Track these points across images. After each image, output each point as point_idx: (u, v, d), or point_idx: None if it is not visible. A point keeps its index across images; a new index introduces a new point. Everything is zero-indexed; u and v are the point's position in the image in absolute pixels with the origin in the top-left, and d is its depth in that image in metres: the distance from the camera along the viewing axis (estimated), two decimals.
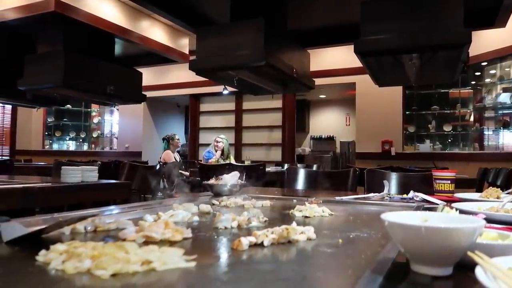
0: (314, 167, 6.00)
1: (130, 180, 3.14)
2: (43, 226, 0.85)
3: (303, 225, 1.08)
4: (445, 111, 6.85)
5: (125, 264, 0.60)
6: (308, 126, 10.42)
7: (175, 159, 5.69)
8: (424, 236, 0.54)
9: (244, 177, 1.82)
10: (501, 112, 6.37)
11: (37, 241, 0.81)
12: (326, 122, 10.36)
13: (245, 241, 0.77)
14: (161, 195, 3.68)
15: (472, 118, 6.81)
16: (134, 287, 0.55)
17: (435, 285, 0.53)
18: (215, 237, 0.91)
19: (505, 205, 1.16)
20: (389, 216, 0.60)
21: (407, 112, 6.87)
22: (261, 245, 0.79)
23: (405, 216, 0.64)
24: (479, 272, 0.45)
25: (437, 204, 1.48)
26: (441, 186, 1.73)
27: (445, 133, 6.89)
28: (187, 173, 5.37)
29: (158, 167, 3.54)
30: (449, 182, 1.72)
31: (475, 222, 0.55)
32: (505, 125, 6.27)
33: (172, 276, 0.60)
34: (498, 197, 1.40)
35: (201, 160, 6.43)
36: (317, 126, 10.41)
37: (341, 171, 2.55)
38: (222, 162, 5.67)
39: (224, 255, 0.73)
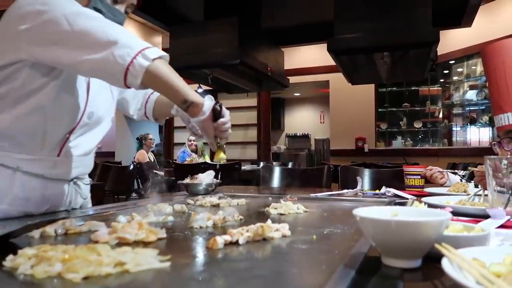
0: (290, 165, 6.05)
1: (103, 181, 3.08)
2: (10, 230, 0.82)
3: (278, 223, 1.09)
4: (416, 108, 7.04)
5: (97, 266, 0.59)
6: (283, 124, 10.50)
7: (149, 159, 5.62)
8: (394, 229, 0.56)
9: (219, 176, 1.82)
10: (468, 108, 6.61)
11: (4, 246, 0.78)
12: (301, 120, 10.46)
13: (220, 239, 0.77)
14: (135, 195, 3.62)
15: (441, 115, 7.03)
16: None
17: (405, 277, 0.55)
18: (190, 236, 0.90)
19: (472, 198, 1.21)
20: (360, 212, 0.61)
21: (379, 110, 7.02)
22: (236, 243, 0.79)
23: (375, 211, 0.66)
24: (445, 263, 0.46)
25: (408, 198, 1.52)
26: (412, 181, 1.78)
27: (416, 129, 7.08)
28: (161, 173, 5.31)
29: (132, 167, 3.49)
30: (419, 177, 1.77)
31: (441, 215, 0.57)
32: (472, 122, 6.51)
33: (146, 277, 0.59)
34: (465, 191, 1.45)
35: (176, 160, 6.37)
36: (292, 124, 10.50)
37: (316, 168, 2.58)
38: (197, 161, 5.64)
39: (199, 254, 0.73)
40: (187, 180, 1.77)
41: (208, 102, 1.06)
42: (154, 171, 5.25)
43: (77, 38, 0.96)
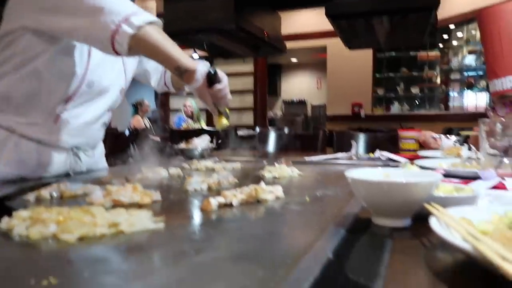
0: (286, 130, 6.06)
1: None
2: (6, 193, 0.83)
3: (272, 186, 1.10)
4: (413, 74, 6.98)
5: (91, 227, 0.60)
6: (279, 90, 10.42)
7: (145, 125, 5.60)
8: (385, 190, 0.56)
9: (215, 140, 1.82)
10: (466, 74, 6.56)
11: (0, 209, 0.79)
12: (297, 85, 10.37)
13: (214, 201, 0.77)
14: (131, 161, 3.63)
15: (438, 80, 6.98)
16: (103, 249, 0.55)
17: (394, 235, 0.56)
18: (185, 199, 0.91)
19: (464, 161, 1.22)
20: (352, 173, 0.62)
21: (376, 75, 6.95)
22: (230, 205, 0.80)
23: (367, 172, 0.66)
24: (433, 221, 0.47)
25: (401, 162, 1.54)
26: (406, 145, 1.79)
27: (413, 95, 7.05)
28: (157, 139, 5.31)
29: (127, 133, 3.47)
30: (413, 141, 1.78)
31: (432, 177, 0.58)
32: (470, 87, 6.48)
33: (140, 237, 0.60)
34: (458, 155, 1.46)
35: (172, 126, 6.36)
36: (289, 90, 10.42)
37: (311, 132, 2.58)
38: (193, 126, 5.63)
39: (193, 215, 0.74)
40: (182, 145, 1.77)
41: (201, 68, 1.03)
42: (150, 136, 5.24)
43: (69, 5, 0.96)
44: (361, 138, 2.25)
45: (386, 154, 1.65)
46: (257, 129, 6.24)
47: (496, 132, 0.88)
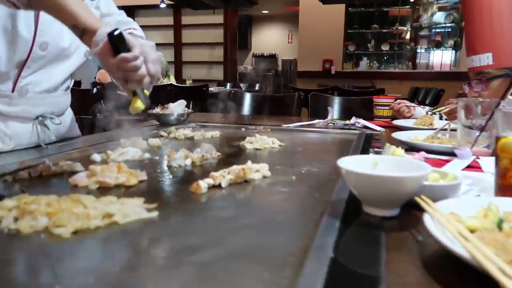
0: (257, 87, 6.01)
1: None
2: None
3: (254, 158, 1.11)
4: (384, 31, 6.99)
5: (85, 220, 0.59)
6: (250, 44, 10.19)
7: (111, 79, 5.39)
8: (378, 183, 0.58)
9: (190, 105, 1.78)
10: (434, 31, 6.64)
11: None
12: (268, 39, 10.17)
13: (204, 184, 0.77)
14: (100, 119, 3.51)
15: (408, 37, 7.04)
16: (99, 243, 0.55)
17: (385, 225, 0.58)
18: (171, 177, 0.90)
19: (438, 133, 1.27)
20: (345, 163, 0.63)
21: (348, 31, 6.91)
22: (219, 186, 0.80)
23: (357, 160, 0.68)
24: (427, 219, 0.49)
25: (377, 130, 1.58)
26: (381, 111, 1.83)
27: (383, 52, 7.11)
28: (125, 93, 5.13)
29: (95, 90, 3.33)
30: (387, 108, 1.82)
31: (423, 170, 0.60)
32: (437, 45, 6.59)
33: (135, 228, 0.60)
34: (431, 124, 1.51)
35: None
36: (260, 43, 10.21)
37: (286, 95, 2.58)
38: (162, 82, 5.46)
39: (183, 200, 0.74)
40: (157, 110, 1.72)
41: (103, 30, 0.80)
42: (118, 91, 5.06)
43: None
44: (336, 101, 2.28)
45: (362, 122, 1.69)
46: (228, 85, 6.14)
47: (475, 113, 0.92)
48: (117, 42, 0.80)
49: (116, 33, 0.80)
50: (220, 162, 1.05)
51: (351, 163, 0.64)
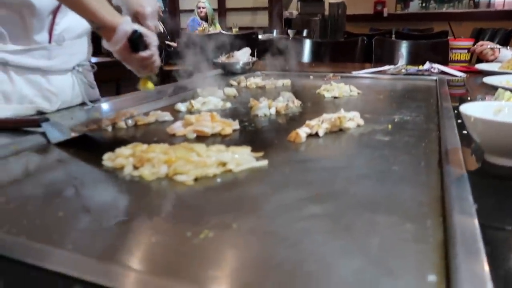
0: (305, 33, 5.79)
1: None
2: (88, 128, 0.82)
3: (335, 106, 1.08)
4: None
5: (204, 168, 0.60)
6: None
7: (160, 30, 5.37)
8: (508, 131, 0.54)
9: (256, 53, 1.74)
10: None
11: (84, 139, 0.78)
12: None
13: (303, 133, 0.76)
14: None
15: None
16: (222, 190, 0.56)
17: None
18: (262, 126, 0.90)
19: None
20: (468, 110, 0.59)
21: None
22: (315, 135, 0.79)
23: (480, 107, 0.63)
24: None
25: (457, 76, 1.48)
26: (457, 55, 1.70)
27: None
28: (174, 44, 5.13)
29: None
30: (466, 51, 1.69)
31: None
32: None
33: (251, 176, 0.60)
34: None
35: (185, 29, 6.09)
36: None
37: (349, 41, 2.46)
38: (209, 30, 5.39)
39: (285, 149, 0.73)
40: (223, 59, 1.70)
41: (123, 28, 0.81)
42: (166, 42, 5.06)
43: None
44: (404, 45, 2.14)
45: (438, 67, 1.58)
46: (274, 32, 5.97)
47: None
48: (137, 42, 0.83)
49: (135, 35, 0.83)
50: (304, 111, 1.03)
51: (473, 110, 0.60)
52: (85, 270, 0.35)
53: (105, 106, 1.09)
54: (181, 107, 1.05)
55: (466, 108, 0.60)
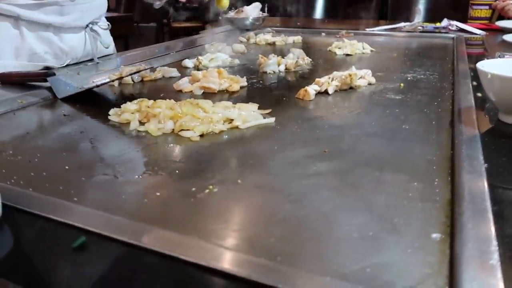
0: None
1: (130, 12, 2.91)
2: (96, 83, 0.81)
3: (347, 64, 1.05)
4: None
5: (210, 124, 0.59)
6: None
7: None
8: None
9: (266, 8, 1.68)
10: None
11: (91, 94, 0.78)
12: None
13: (312, 91, 0.74)
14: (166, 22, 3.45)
15: None
16: (228, 147, 0.55)
17: None
18: (270, 84, 0.88)
19: None
20: (485, 66, 0.56)
21: None
22: (325, 93, 0.77)
23: (498, 64, 0.60)
24: None
25: (476, 34, 1.42)
26: (478, 12, 1.62)
27: None
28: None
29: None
30: (487, 7, 1.61)
31: None
32: None
33: (258, 133, 0.59)
34: None
35: None
36: None
37: None
38: None
39: (293, 106, 0.72)
40: (231, 14, 1.65)
41: None
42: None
43: None
44: (421, 1, 2.04)
45: (456, 24, 1.52)
46: None
47: None
48: None
49: None
50: (314, 69, 1.00)
51: (490, 67, 0.57)
52: (90, 222, 0.35)
53: (112, 61, 1.07)
54: (189, 63, 1.03)
55: (483, 65, 0.57)
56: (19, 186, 0.44)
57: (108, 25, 1.07)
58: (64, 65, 0.98)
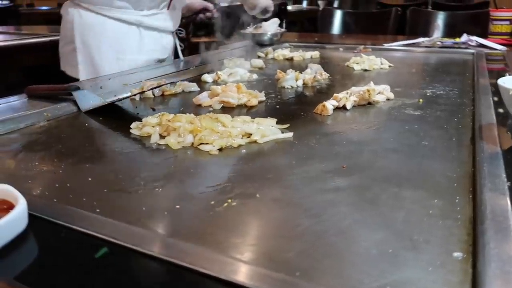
0: (335, 4, 5.60)
1: None
2: (118, 97, 0.84)
3: (365, 79, 1.05)
4: None
5: (228, 138, 0.60)
6: None
7: None
8: None
9: (284, 24, 1.70)
10: None
11: (113, 107, 0.80)
12: None
13: (330, 106, 0.75)
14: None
15: None
16: (247, 161, 0.56)
17: None
18: (288, 98, 0.89)
19: None
20: (507, 82, 0.56)
21: None
22: (342, 108, 0.77)
23: None
24: None
25: (497, 49, 1.40)
26: (498, 27, 1.61)
27: None
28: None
29: None
30: (508, 23, 1.59)
31: None
32: None
33: (276, 148, 0.60)
34: None
35: None
36: None
37: (382, 11, 2.36)
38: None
39: (311, 121, 0.72)
40: (250, 29, 1.67)
41: None
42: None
43: None
44: (440, 17, 2.03)
45: (476, 39, 1.50)
46: (304, 3, 5.81)
47: None
48: None
49: None
50: (332, 84, 1.01)
51: (511, 83, 0.56)
52: (112, 233, 0.36)
53: (133, 75, 1.10)
54: (208, 78, 1.05)
55: (505, 81, 0.57)
56: (44, 197, 0.45)
57: (183, 31, 1.43)
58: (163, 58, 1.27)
